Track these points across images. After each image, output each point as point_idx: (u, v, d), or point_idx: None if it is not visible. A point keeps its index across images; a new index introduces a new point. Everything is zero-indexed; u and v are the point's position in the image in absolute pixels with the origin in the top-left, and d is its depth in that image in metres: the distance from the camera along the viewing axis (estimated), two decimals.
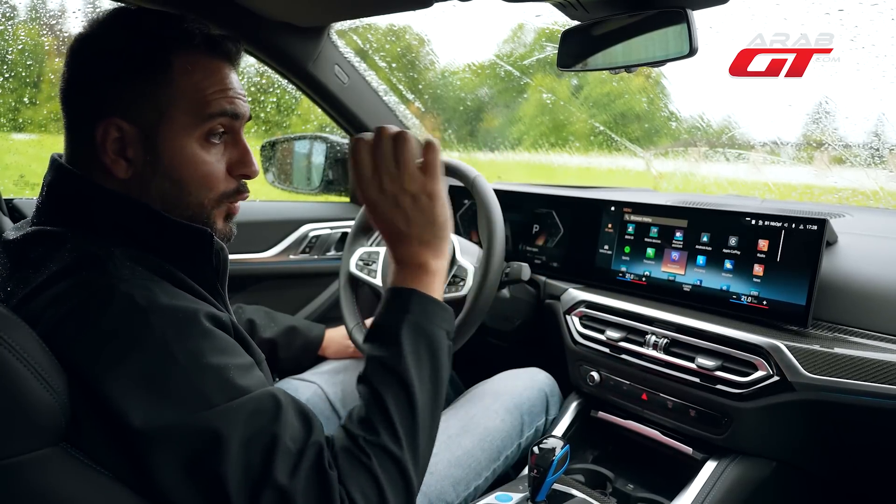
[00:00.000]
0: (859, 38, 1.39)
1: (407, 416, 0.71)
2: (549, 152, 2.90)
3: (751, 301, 1.06)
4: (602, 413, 1.27)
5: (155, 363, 0.61)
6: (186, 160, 0.72)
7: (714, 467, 1.05)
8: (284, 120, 3.00)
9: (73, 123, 0.74)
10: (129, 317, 0.62)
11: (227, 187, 0.76)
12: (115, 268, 0.64)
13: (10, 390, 0.54)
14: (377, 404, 0.71)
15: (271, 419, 0.64)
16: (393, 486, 0.68)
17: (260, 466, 0.61)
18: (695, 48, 0.94)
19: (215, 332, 0.67)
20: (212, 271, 0.77)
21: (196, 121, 0.72)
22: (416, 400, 0.72)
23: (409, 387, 0.72)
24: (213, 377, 0.63)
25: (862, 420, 0.96)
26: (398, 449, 0.69)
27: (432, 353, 0.75)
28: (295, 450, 0.64)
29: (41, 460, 0.56)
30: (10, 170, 2.51)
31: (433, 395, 0.75)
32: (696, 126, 2.21)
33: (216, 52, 0.74)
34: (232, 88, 0.75)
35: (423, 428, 0.72)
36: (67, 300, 0.62)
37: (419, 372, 0.74)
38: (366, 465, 0.68)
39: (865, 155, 1.62)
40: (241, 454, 0.61)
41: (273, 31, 1.42)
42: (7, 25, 2.13)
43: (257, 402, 0.64)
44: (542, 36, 2.64)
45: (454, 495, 1.06)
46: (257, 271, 1.74)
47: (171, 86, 0.71)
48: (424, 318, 0.76)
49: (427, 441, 0.74)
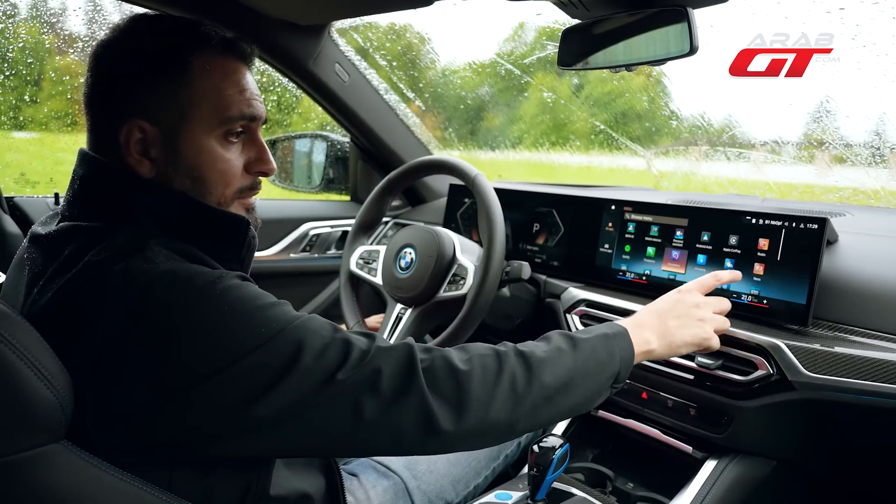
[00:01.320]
0: (860, 37, 1.39)
1: (558, 370, 0.78)
2: (549, 151, 2.90)
3: (751, 300, 1.06)
4: (602, 412, 1.27)
5: (218, 316, 0.63)
6: (207, 159, 0.75)
7: (714, 466, 1.05)
8: (285, 118, 3.00)
9: (96, 126, 0.75)
10: (175, 287, 0.63)
11: (243, 183, 0.79)
12: (153, 254, 0.66)
13: (10, 388, 0.54)
14: (542, 342, 0.81)
15: (334, 330, 0.69)
16: (511, 381, 0.73)
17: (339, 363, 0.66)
18: (695, 47, 0.94)
19: (252, 283, 0.71)
20: (238, 263, 0.79)
21: (216, 121, 0.74)
22: (574, 369, 0.79)
23: (576, 357, 0.80)
24: (270, 311, 0.66)
25: (862, 419, 0.96)
26: (527, 377, 0.75)
27: (600, 366, 0.82)
28: (366, 347, 0.69)
29: (42, 457, 0.56)
30: (11, 168, 2.50)
31: (586, 384, 0.80)
32: (696, 125, 2.21)
33: (232, 52, 0.77)
34: (249, 90, 0.77)
35: (560, 392, 0.77)
36: (112, 291, 0.63)
37: (588, 361, 0.81)
38: (498, 353, 0.75)
39: (866, 154, 1.62)
40: (320, 359, 0.65)
41: (274, 30, 1.42)
42: (8, 24, 2.13)
43: (315, 321, 0.69)
44: (543, 35, 2.64)
45: (454, 494, 1.07)
46: (258, 270, 1.73)
47: (191, 87, 0.73)
48: (616, 341, 0.85)
49: (551, 406, 0.78)
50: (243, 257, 0.80)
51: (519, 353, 0.77)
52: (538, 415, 0.76)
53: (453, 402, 0.69)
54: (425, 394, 0.68)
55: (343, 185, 2.01)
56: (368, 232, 1.48)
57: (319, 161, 2.00)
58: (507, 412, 0.73)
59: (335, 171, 1.99)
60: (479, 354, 0.74)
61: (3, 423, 0.54)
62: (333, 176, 1.99)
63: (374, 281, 1.36)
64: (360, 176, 1.94)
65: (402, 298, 1.28)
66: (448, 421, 0.69)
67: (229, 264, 0.76)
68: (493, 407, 0.71)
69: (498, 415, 0.72)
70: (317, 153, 2.02)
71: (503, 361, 0.74)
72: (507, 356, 0.75)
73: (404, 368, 0.68)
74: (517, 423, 0.74)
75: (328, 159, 1.98)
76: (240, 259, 0.79)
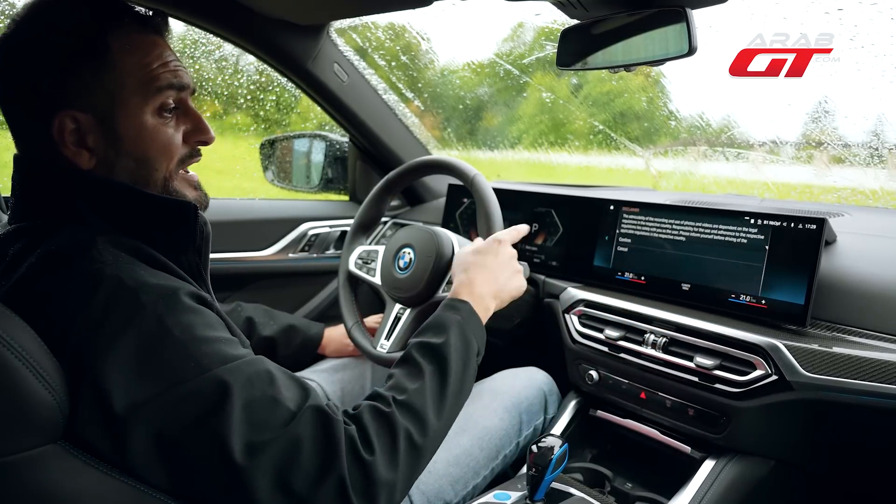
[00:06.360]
0: (859, 38, 1.39)
1: (438, 389, 0.80)
2: (548, 151, 2.90)
3: (749, 300, 1.06)
4: (601, 412, 1.27)
5: (151, 338, 0.62)
6: (147, 136, 0.74)
7: (712, 466, 1.05)
8: (284, 118, 3.00)
9: (22, 125, 0.74)
10: (119, 297, 0.62)
11: (183, 153, 0.78)
12: (98, 253, 0.65)
13: (8, 388, 0.54)
14: (414, 373, 0.81)
15: (269, 382, 0.67)
16: (407, 439, 0.73)
17: (263, 423, 0.63)
18: (694, 47, 0.94)
19: (202, 308, 0.68)
20: (195, 253, 0.77)
21: (147, 97, 0.73)
22: (450, 379, 0.82)
23: (447, 366, 0.82)
24: (207, 347, 0.64)
25: (860, 419, 0.96)
26: (422, 406, 0.77)
27: (467, 353, 0.87)
28: (295, 407, 0.66)
29: (39, 458, 0.56)
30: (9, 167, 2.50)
31: (460, 385, 0.84)
32: (695, 125, 2.21)
33: (147, 27, 0.76)
34: (172, 61, 0.76)
35: (449, 405, 0.80)
36: (56, 291, 0.62)
37: (457, 360, 0.84)
38: (386, 414, 0.73)
39: (865, 154, 1.62)
40: (243, 414, 0.62)
41: (272, 29, 1.42)
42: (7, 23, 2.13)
43: (253, 367, 0.67)
44: (542, 35, 2.64)
45: (452, 494, 1.06)
46: (256, 269, 1.74)
47: (114, 69, 0.71)
48: (469, 326, 0.90)
49: (447, 417, 0.80)
50: (199, 246, 0.78)
51: (402, 406, 0.76)
52: (434, 448, 0.79)
53: (364, 491, 0.68)
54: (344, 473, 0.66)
55: (342, 184, 2.01)
56: (367, 232, 1.48)
57: (318, 161, 2.00)
58: (412, 469, 0.74)
59: (334, 171, 1.98)
60: (374, 434, 0.71)
61: (1, 424, 0.54)
62: (332, 176, 1.98)
63: (373, 281, 1.36)
64: (359, 176, 1.94)
65: (401, 298, 1.28)
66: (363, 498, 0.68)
67: (186, 255, 0.76)
68: (399, 480, 0.71)
69: (404, 481, 0.73)
70: (315, 153, 2.02)
71: (395, 428, 0.73)
72: (395, 421, 0.74)
73: (327, 444, 0.66)
74: (422, 465, 0.76)
75: (327, 159, 1.98)
76: (196, 248, 0.78)
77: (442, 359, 0.83)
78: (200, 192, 0.82)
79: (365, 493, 0.67)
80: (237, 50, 1.91)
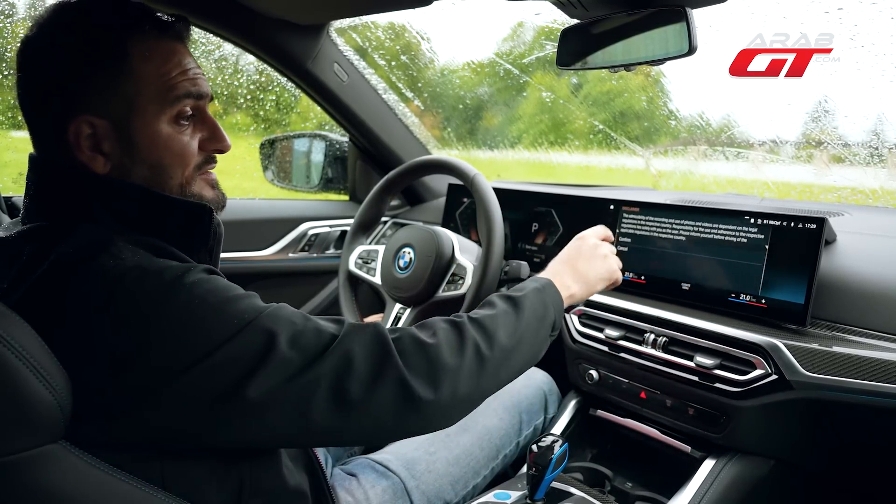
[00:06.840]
0: (859, 37, 1.39)
1: (512, 321, 0.81)
2: (548, 151, 2.90)
3: (749, 300, 1.06)
4: (601, 411, 1.27)
5: (186, 309, 0.63)
6: (162, 144, 0.73)
7: (712, 465, 1.05)
8: (284, 118, 3.00)
9: (40, 128, 0.74)
10: (144, 281, 0.63)
11: (199, 159, 0.79)
12: (118, 250, 0.65)
13: (9, 388, 0.54)
14: (488, 307, 0.83)
15: (305, 318, 0.70)
16: (474, 346, 0.75)
17: (313, 347, 0.67)
18: (694, 47, 0.94)
19: (223, 280, 0.70)
20: (206, 253, 0.78)
21: (164, 105, 0.73)
22: (523, 323, 0.82)
23: (521, 312, 0.83)
24: (240, 302, 0.67)
25: (860, 418, 0.96)
26: (493, 327, 0.79)
27: (544, 313, 0.87)
28: (336, 331, 0.70)
29: (40, 458, 0.56)
30: (10, 167, 2.50)
31: (534, 335, 0.84)
32: (695, 125, 2.21)
33: (168, 34, 0.75)
34: (191, 69, 0.76)
35: (519, 339, 0.81)
36: (78, 290, 0.62)
37: (531, 313, 0.85)
38: (457, 322, 0.77)
39: (865, 154, 1.62)
40: (291, 346, 0.65)
41: (272, 29, 1.42)
42: (6, 23, 2.13)
43: (287, 309, 0.70)
44: (542, 34, 2.64)
45: (452, 494, 1.06)
46: (256, 269, 1.74)
47: (133, 75, 0.71)
48: (547, 294, 0.90)
49: (516, 350, 0.81)
50: (211, 247, 0.79)
51: (474, 320, 0.79)
52: (500, 376, 0.79)
53: (427, 374, 0.70)
54: (400, 368, 0.69)
55: (342, 184, 2.01)
56: (367, 231, 1.48)
57: (318, 160, 2.00)
58: (475, 378, 0.75)
59: (334, 171, 1.98)
60: (442, 328, 0.76)
61: (2, 424, 0.54)
62: (332, 175, 1.98)
63: (373, 280, 1.36)
64: (359, 175, 1.94)
65: (401, 298, 1.28)
66: (425, 392, 0.70)
67: (198, 255, 0.76)
68: (462, 374, 0.73)
69: (468, 381, 0.74)
70: (315, 153, 2.02)
71: (463, 331, 0.77)
72: (465, 326, 0.77)
73: (377, 347, 0.70)
74: (485, 386, 0.77)
75: (327, 159, 1.98)
76: (208, 249, 0.78)
77: (517, 304, 0.84)
78: (218, 192, 0.82)
79: (428, 376, 0.70)
80: (237, 50, 1.90)
